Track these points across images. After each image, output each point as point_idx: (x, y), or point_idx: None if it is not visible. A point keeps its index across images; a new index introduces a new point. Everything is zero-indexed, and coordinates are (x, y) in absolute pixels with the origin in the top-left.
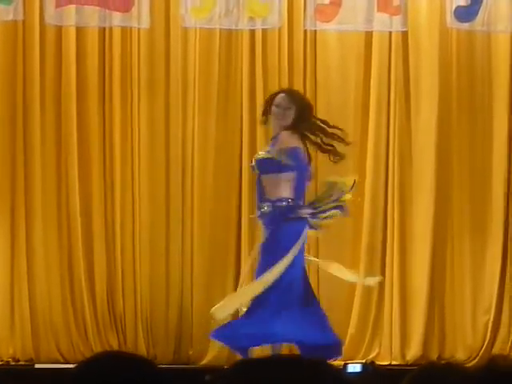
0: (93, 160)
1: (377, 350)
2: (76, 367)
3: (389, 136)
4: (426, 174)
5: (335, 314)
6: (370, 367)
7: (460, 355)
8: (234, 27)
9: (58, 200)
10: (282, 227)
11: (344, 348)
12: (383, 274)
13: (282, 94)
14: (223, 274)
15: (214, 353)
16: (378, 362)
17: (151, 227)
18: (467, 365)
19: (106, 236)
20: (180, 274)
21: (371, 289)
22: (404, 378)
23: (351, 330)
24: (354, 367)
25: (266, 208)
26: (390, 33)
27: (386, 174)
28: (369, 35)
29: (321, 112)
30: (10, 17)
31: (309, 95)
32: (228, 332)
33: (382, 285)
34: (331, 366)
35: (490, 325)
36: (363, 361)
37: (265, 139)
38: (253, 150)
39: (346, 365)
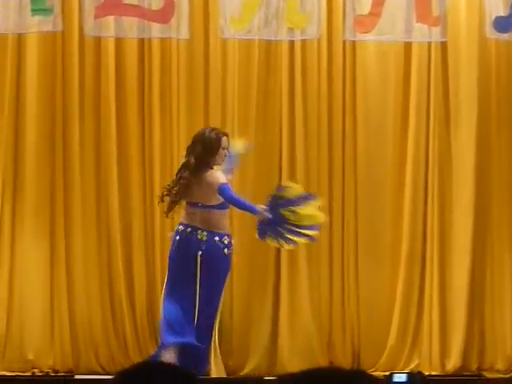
0: (132, 173)
1: (416, 361)
2: (114, 377)
3: (428, 148)
4: (466, 185)
5: (375, 325)
6: (417, 377)
7: (499, 366)
8: (273, 38)
9: (97, 214)
10: None
11: (384, 358)
12: (423, 284)
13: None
14: (263, 283)
15: (254, 363)
16: None
17: None
18: (506, 376)
19: (146, 248)
20: None
21: (411, 300)
22: None
23: (391, 341)
24: (400, 377)
25: None
26: (430, 43)
27: (426, 187)
28: (408, 46)
29: (360, 124)
30: (50, 28)
31: (348, 106)
32: None
33: (421, 295)
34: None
35: None
36: (408, 370)
37: (304, 150)
38: (292, 160)
39: (391, 374)
